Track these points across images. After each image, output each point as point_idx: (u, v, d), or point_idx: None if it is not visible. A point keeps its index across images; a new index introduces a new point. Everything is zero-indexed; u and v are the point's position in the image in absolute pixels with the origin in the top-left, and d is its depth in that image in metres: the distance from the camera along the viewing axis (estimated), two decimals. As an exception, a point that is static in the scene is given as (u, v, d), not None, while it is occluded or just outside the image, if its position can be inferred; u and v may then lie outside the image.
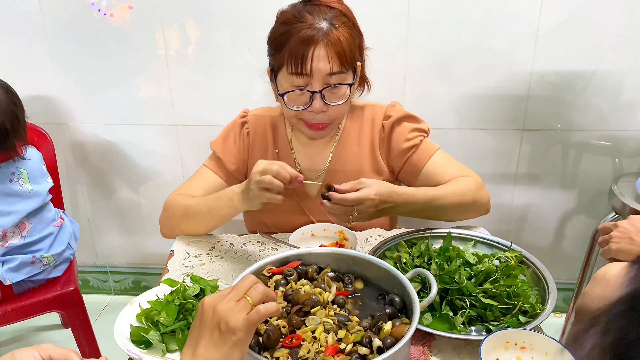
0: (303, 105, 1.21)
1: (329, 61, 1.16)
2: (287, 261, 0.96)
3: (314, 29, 1.15)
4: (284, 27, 1.19)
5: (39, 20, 1.76)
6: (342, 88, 1.20)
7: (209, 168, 1.37)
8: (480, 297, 0.99)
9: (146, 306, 1.00)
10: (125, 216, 2.10)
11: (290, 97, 1.20)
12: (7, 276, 1.50)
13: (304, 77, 1.17)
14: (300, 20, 1.17)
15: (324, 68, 1.16)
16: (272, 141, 1.37)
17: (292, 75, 1.17)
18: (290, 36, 1.16)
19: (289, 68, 1.17)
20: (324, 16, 1.18)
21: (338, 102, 1.21)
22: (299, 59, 1.15)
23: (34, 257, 1.53)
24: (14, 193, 1.48)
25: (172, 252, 1.27)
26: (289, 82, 1.19)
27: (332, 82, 1.18)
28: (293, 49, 1.15)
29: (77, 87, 1.86)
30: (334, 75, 1.18)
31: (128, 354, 0.93)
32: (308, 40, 1.15)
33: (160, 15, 1.73)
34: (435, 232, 1.23)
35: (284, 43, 1.17)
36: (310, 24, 1.16)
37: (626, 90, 1.72)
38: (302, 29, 1.16)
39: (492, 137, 1.81)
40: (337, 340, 0.81)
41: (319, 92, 1.18)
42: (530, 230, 1.98)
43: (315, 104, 1.19)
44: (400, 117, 1.32)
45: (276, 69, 1.22)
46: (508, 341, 0.89)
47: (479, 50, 1.69)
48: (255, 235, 1.35)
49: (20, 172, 1.50)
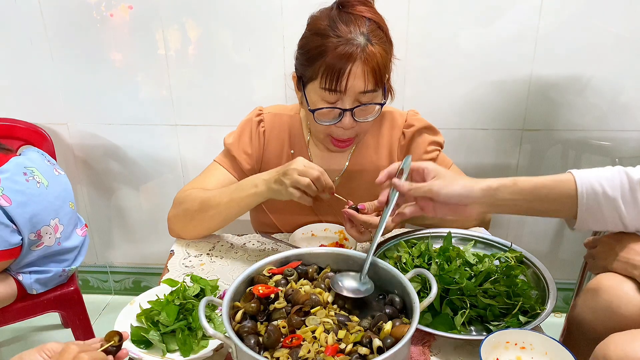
0: (332, 120, 1.19)
1: (365, 80, 1.13)
2: (287, 261, 0.96)
3: (352, 45, 1.12)
4: (319, 38, 1.15)
5: (39, 20, 1.76)
6: (373, 106, 1.19)
7: (222, 165, 1.34)
8: (480, 297, 0.99)
9: (146, 306, 1.00)
10: (125, 216, 2.10)
11: (320, 112, 1.18)
12: (35, 287, 1.51)
13: (337, 93, 1.14)
14: (336, 33, 1.13)
15: (358, 86, 1.13)
16: (287, 141, 1.36)
17: (324, 90, 1.15)
18: (326, 50, 1.12)
19: (322, 83, 1.14)
20: (360, 30, 1.13)
21: (367, 118, 1.20)
22: (334, 76, 1.12)
23: (63, 271, 1.55)
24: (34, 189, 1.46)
25: (172, 252, 1.27)
26: (320, 97, 1.17)
27: (363, 100, 1.16)
28: (329, 65, 1.12)
29: (77, 87, 1.86)
30: (367, 94, 1.15)
31: (128, 354, 0.93)
32: (346, 58, 1.11)
33: (160, 15, 1.73)
34: (435, 232, 1.23)
35: (318, 56, 1.14)
36: (348, 39, 1.12)
37: (626, 91, 1.72)
38: (340, 44, 1.12)
39: (492, 137, 1.81)
40: (337, 340, 0.81)
41: (351, 110, 1.16)
42: (530, 230, 1.98)
43: (345, 120, 1.17)
44: (421, 127, 1.32)
45: (306, 79, 1.19)
46: (508, 341, 0.90)
47: (479, 51, 1.69)
48: (255, 235, 1.35)
49: (31, 171, 1.49)
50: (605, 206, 0.94)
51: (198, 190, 1.28)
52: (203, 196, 1.25)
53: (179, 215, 1.28)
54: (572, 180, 0.95)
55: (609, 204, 0.94)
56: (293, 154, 1.35)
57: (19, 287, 1.49)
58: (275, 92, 1.77)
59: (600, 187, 0.93)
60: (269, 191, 1.15)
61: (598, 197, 0.93)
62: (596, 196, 0.93)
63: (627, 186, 0.93)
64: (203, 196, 1.25)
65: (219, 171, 1.34)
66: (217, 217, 1.25)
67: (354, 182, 1.35)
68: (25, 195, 1.41)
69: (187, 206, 1.26)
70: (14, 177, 1.41)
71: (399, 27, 1.69)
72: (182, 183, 1.97)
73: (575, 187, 0.94)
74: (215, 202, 1.23)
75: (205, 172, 1.35)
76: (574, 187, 0.94)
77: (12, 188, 1.39)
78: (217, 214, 1.24)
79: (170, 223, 1.30)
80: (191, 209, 1.26)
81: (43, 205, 1.46)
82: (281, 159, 1.35)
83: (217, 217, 1.25)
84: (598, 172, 0.95)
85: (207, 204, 1.24)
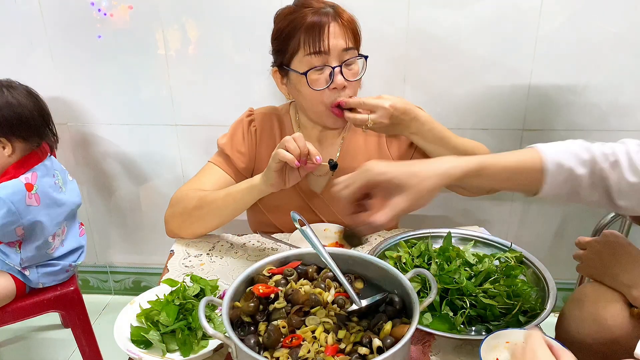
0: (325, 84, 1.23)
1: (345, 37, 1.21)
2: (287, 261, 0.96)
3: (323, 12, 1.21)
4: (289, 17, 1.23)
5: (39, 20, 1.76)
6: (357, 63, 1.25)
7: (216, 165, 1.36)
8: (480, 297, 0.99)
9: (146, 306, 1.01)
10: (126, 216, 2.10)
11: (312, 79, 1.22)
12: (42, 280, 1.53)
13: (322, 55, 1.20)
14: (305, 5, 1.23)
15: (340, 44, 1.21)
16: (279, 137, 1.38)
17: (309, 55, 1.20)
18: (301, 21, 1.20)
19: (306, 50, 1.20)
20: (326, 5, 1.24)
21: (356, 77, 1.25)
22: (316, 37, 1.19)
23: (70, 266, 1.58)
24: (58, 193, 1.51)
25: (172, 252, 1.27)
26: (306, 64, 1.21)
27: (347, 58, 1.22)
28: (308, 29, 1.19)
29: (77, 87, 1.86)
30: (349, 51, 1.23)
31: (128, 354, 0.93)
32: (321, 21, 1.20)
33: (160, 15, 1.73)
34: (435, 232, 1.23)
35: (295, 29, 1.21)
36: (318, 9, 1.22)
37: (626, 91, 1.72)
38: (312, 12, 1.21)
39: (492, 137, 1.81)
40: (337, 340, 0.81)
41: (339, 66, 1.21)
42: (530, 230, 1.98)
43: (338, 79, 1.21)
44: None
45: (288, 59, 1.25)
46: (508, 341, 0.89)
47: (479, 50, 1.69)
48: (255, 235, 1.35)
49: (57, 174, 1.53)
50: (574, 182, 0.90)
51: (194, 190, 1.29)
52: (200, 194, 1.27)
53: (175, 214, 1.29)
54: (539, 159, 0.91)
55: (574, 180, 0.90)
56: None
57: (19, 285, 1.50)
58: (275, 92, 1.77)
59: (568, 163, 0.90)
60: (263, 181, 1.17)
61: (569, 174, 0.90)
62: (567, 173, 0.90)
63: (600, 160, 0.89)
64: (200, 194, 1.27)
65: (214, 170, 1.35)
66: (214, 214, 1.25)
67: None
68: (51, 199, 1.47)
69: (184, 204, 1.27)
70: (45, 179, 1.46)
71: (399, 26, 1.69)
72: (181, 183, 1.97)
73: (541, 165, 0.90)
74: (211, 198, 1.25)
75: (201, 173, 1.36)
76: (540, 166, 0.90)
77: (44, 191, 1.45)
78: (213, 210, 1.25)
79: (167, 223, 1.31)
80: (188, 207, 1.27)
81: (62, 210, 1.51)
82: None
83: (213, 213, 1.25)
84: (566, 147, 0.92)
85: (204, 200, 1.25)
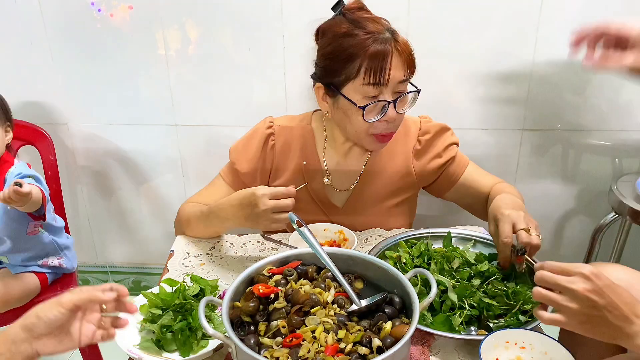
0: (377, 115, 1.19)
1: (404, 69, 1.17)
2: (287, 261, 0.96)
3: (384, 39, 1.15)
4: (349, 39, 1.16)
5: (39, 20, 1.76)
6: (410, 95, 1.22)
7: (224, 180, 1.37)
8: (480, 297, 0.99)
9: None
10: (126, 216, 2.10)
11: (368, 108, 1.18)
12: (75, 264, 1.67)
13: (380, 87, 1.16)
14: (365, 31, 1.15)
15: (399, 75, 1.17)
16: (299, 153, 1.35)
17: (367, 86, 1.16)
18: (364, 47, 1.14)
19: (365, 79, 1.15)
20: (380, 25, 1.17)
21: (404, 109, 1.22)
22: (377, 70, 1.14)
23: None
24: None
25: (172, 252, 1.27)
26: (361, 94, 1.17)
27: (400, 90, 1.19)
28: (371, 60, 1.14)
29: (77, 87, 1.86)
30: (404, 83, 1.19)
31: (128, 354, 0.93)
32: (384, 50, 1.14)
33: (160, 15, 1.73)
34: (435, 232, 1.23)
35: (354, 55, 1.15)
36: (377, 35, 1.15)
37: (626, 90, 1.72)
38: (374, 40, 1.14)
39: (492, 137, 1.81)
40: (337, 340, 0.81)
41: (394, 101, 1.18)
42: (530, 230, 1.98)
43: (391, 112, 1.18)
44: (436, 132, 1.35)
45: (341, 82, 1.19)
46: (508, 341, 0.90)
47: (479, 50, 1.69)
48: (255, 235, 1.35)
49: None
50: None
51: (191, 205, 1.35)
52: (189, 214, 1.32)
53: (176, 225, 1.39)
54: None
55: None
56: (306, 164, 1.35)
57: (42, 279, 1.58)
58: (275, 92, 1.77)
59: None
60: (241, 226, 1.20)
61: None
62: None
63: None
64: (189, 214, 1.32)
65: (220, 188, 1.37)
66: (201, 234, 1.33)
67: (371, 186, 1.36)
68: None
69: (179, 220, 1.36)
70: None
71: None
72: (181, 183, 1.97)
73: None
74: (194, 223, 1.31)
75: (210, 186, 1.40)
76: None
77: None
78: (199, 233, 1.34)
79: (174, 228, 1.39)
80: (182, 223, 1.35)
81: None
82: (294, 172, 1.36)
83: (200, 234, 1.33)
84: None
85: (190, 223, 1.32)
